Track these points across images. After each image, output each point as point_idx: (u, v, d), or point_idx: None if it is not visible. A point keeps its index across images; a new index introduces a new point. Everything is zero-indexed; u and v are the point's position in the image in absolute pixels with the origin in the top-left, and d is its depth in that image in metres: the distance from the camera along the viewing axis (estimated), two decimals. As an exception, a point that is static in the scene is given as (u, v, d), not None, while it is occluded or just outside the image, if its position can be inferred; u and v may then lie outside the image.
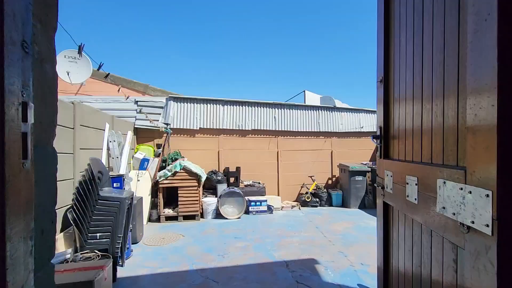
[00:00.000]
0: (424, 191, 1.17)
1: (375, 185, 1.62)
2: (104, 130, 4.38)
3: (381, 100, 1.61)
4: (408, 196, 1.23)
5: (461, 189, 0.90)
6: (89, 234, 2.89)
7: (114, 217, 3.02)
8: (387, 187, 1.50)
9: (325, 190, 6.91)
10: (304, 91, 9.10)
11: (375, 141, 1.57)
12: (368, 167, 6.60)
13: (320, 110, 7.31)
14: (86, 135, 3.73)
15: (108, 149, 4.45)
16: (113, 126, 4.77)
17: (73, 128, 3.34)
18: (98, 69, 3.35)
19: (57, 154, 0.97)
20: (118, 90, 3.89)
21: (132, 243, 4.00)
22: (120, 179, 3.66)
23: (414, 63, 1.23)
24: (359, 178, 6.49)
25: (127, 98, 4.44)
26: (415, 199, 1.21)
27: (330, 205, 6.77)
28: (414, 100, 1.23)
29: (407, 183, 1.23)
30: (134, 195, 4.66)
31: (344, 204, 6.73)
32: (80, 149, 3.52)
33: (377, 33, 1.67)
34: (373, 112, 7.71)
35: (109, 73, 3.48)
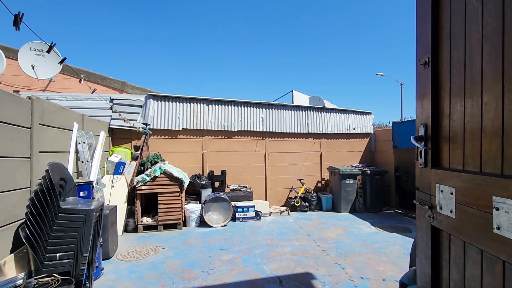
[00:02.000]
0: None
1: (414, 201, 1.27)
2: (72, 130, 3.86)
3: (427, 89, 1.20)
4: (499, 228, 0.85)
5: None
6: (47, 255, 2.41)
7: (78, 232, 2.55)
8: (441, 208, 1.12)
9: (314, 193, 6.65)
10: (292, 91, 8.85)
11: (419, 143, 1.21)
12: (358, 169, 6.40)
13: (309, 111, 7.05)
14: (48, 136, 3.22)
15: (76, 151, 3.93)
16: (84, 126, 4.25)
17: (30, 128, 2.83)
18: (48, 51, 2.85)
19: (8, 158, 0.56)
20: (80, 81, 3.39)
21: (103, 259, 3.52)
22: (88, 186, 3.17)
23: (505, 30, 0.83)
24: (350, 181, 6.28)
25: (93, 91, 3.92)
26: None
27: (320, 209, 6.51)
28: (505, 84, 0.85)
29: (497, 209, 0.84)
30: (106, 204, 4.16)
31: (334, 208, 6.50)
32: (40, 152, 3.01)
33: None
34: (362, 113, 7.56)
35: (65, 58, 2.98)
